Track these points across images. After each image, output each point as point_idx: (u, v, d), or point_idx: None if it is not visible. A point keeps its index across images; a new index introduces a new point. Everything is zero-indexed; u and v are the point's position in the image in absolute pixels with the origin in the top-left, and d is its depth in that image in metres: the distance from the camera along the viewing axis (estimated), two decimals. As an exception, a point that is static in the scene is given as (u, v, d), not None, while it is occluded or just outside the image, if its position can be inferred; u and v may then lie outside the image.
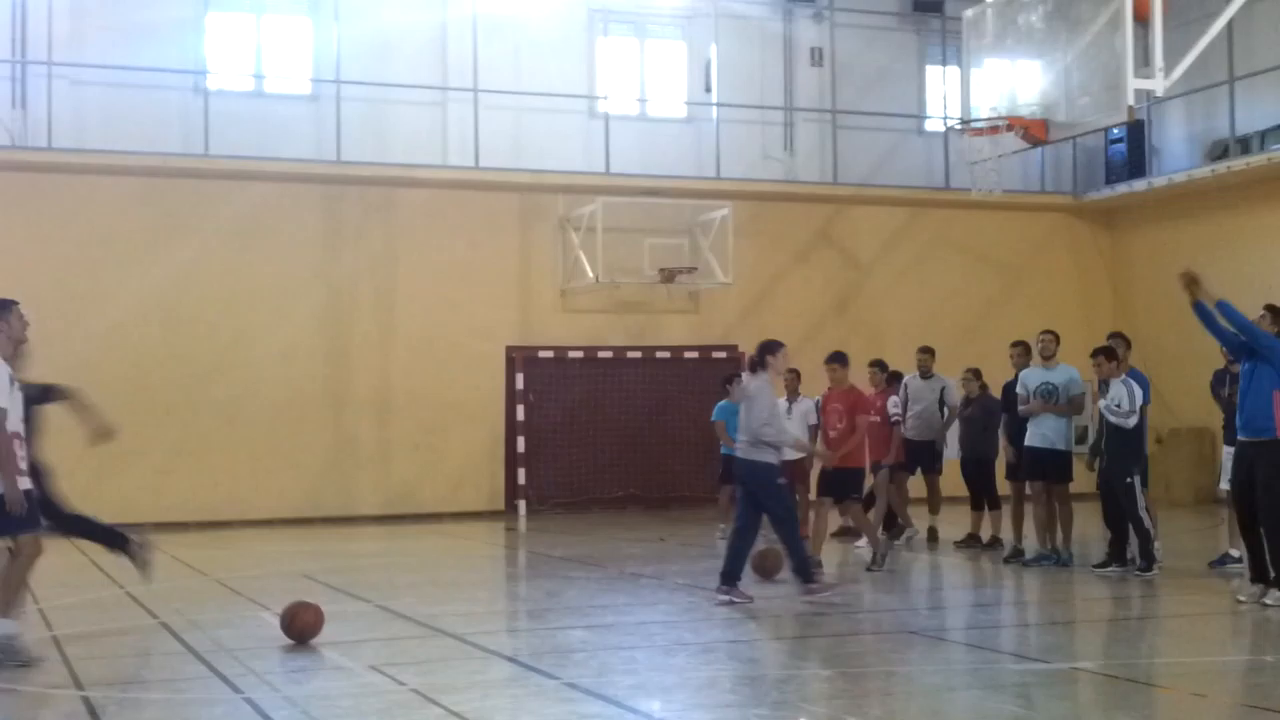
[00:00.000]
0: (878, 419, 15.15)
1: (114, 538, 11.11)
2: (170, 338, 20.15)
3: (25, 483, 9.09)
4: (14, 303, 9.38)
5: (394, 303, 21.37)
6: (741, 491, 11.88)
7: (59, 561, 16.00)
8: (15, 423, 9.08)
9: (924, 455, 16.47)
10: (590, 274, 21.25)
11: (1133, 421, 12.77)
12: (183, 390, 20.05)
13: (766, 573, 12.71)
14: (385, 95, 21.54)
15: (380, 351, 21.26)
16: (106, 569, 13.21)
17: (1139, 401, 12.84)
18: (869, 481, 15.07)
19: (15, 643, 9.03)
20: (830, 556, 14.52)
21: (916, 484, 16.86)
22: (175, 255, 20.07)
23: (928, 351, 16.82)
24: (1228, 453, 12.79)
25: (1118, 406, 12.73)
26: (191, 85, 20.98)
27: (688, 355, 22.45)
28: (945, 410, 16.49)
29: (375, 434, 21.13)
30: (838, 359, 13.93)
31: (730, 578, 11.49)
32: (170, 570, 14.40)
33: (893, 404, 15.80)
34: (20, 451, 9.10)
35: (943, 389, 16.58)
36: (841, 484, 13.72)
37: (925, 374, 16.67)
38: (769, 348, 11.85)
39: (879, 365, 16.05)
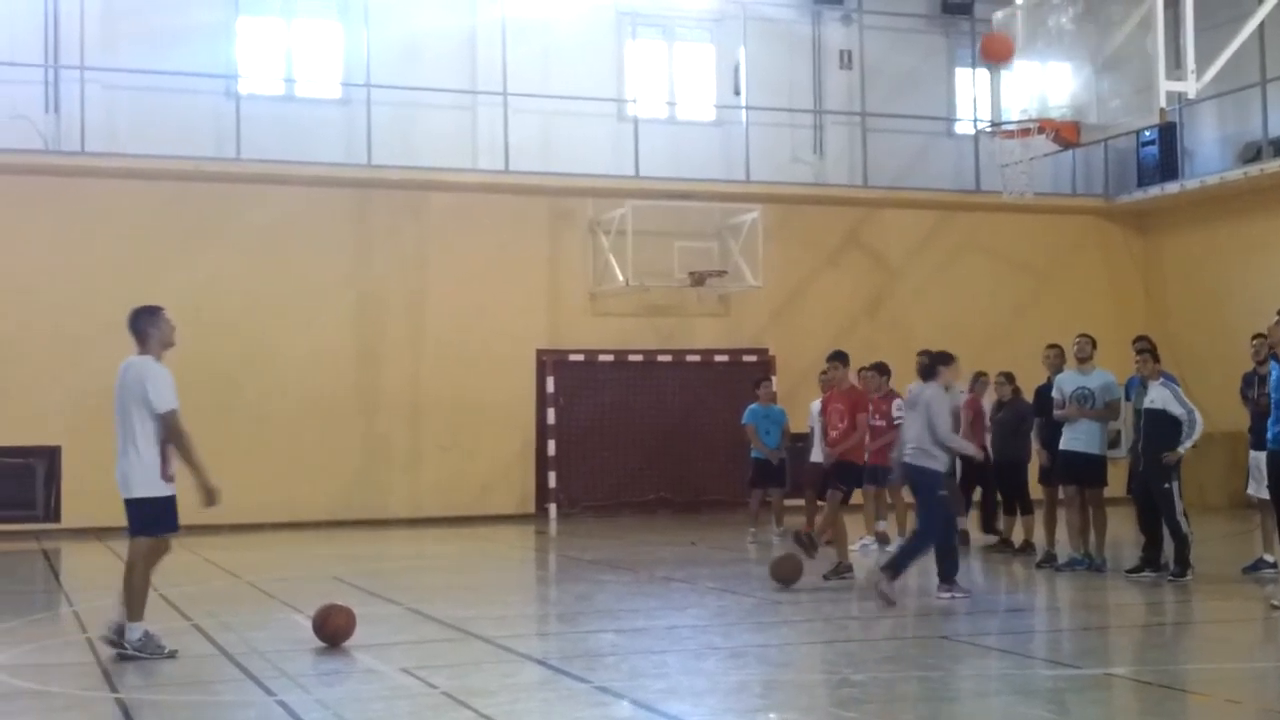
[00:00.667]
0: (882, 423, 15.06)
1: None
2: (201, 341, 20.08)
3: (171, 488, 9.49)
4: (161, 308, 9.79)
5: (424, 306, 21.43)
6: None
7: (94, 562, 16.18)
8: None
9: None
10: (620, 277, 21.27)
11: (1199, 420, 12.64)
12: (214, 393, 20.09)
13: (785, 580, 12.60)
14: (415, 99, 21.61)
15: (411, 355, 21.32)
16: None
17: (1185, 397, 12.77)
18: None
19: (153, 639, 9.32)
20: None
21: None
22: (206, 259, 20.15)
23: (926, 355, 16.68)
24: (1254, 458, 12.71)
25: (1188, 426, 12.58)
26: (223, 89, 21.09)
27: (718, 358, 22.44)
28: (952, 413, 16.32)
29: (406, 437, 21.20)
30: (839, 358, 13.94)
31: (947, 577, 11.79)
32: (202, 573, 14.48)
33: (897, 406, 15.73)
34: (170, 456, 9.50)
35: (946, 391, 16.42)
36: (838, 478, 13.67)
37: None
38: (944, 359, 12.14)
39: (878, 368, 15.92)
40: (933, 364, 12.03)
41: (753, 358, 22.34)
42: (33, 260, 19.73)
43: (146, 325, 9.66)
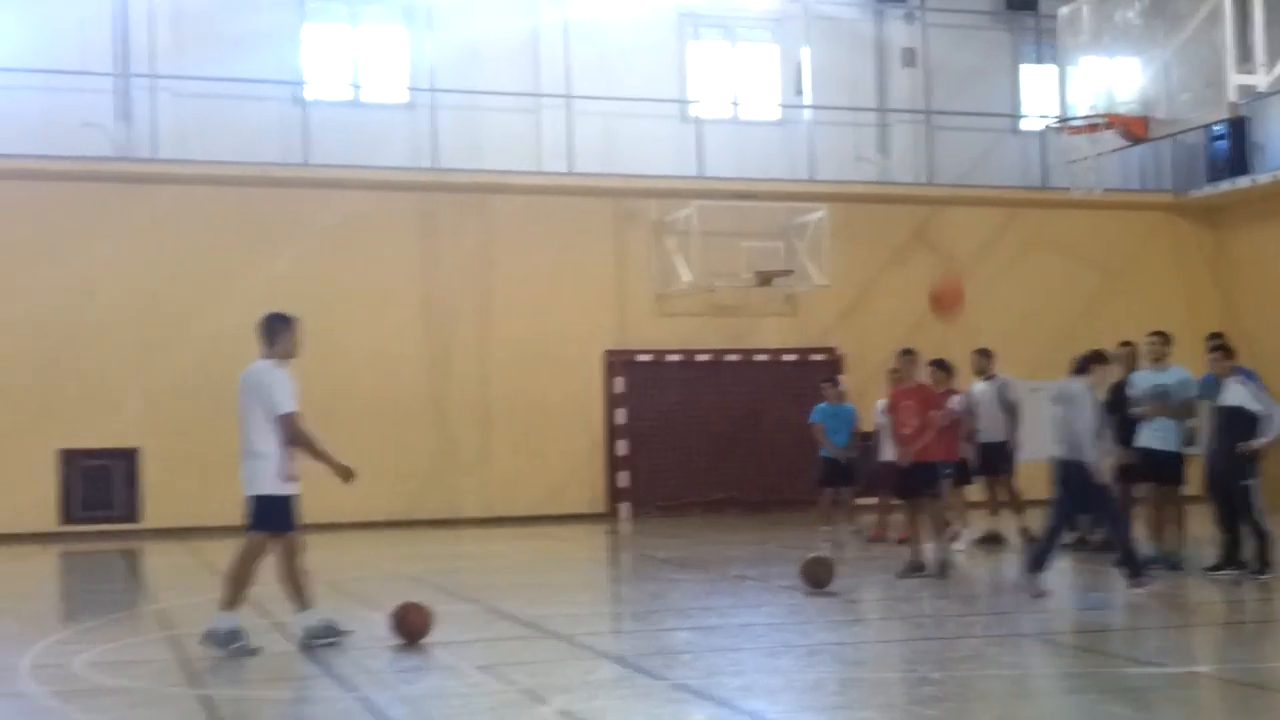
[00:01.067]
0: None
1: None
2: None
3: (292, 488, 9.71)
4: (295, 318, 10.02)
5: (491, 308, 21.55)
6: (1059, 491, 12.01)
7: (173, 562, 16.38)
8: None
9: (993, 457, 16.20)
10: (686, 278, 21.28)
11: (1278, 416, 12.46)
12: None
13: (817, 583, 12.37)
14: (479, 102, 21.74)
15: (479, 356, 21.45)
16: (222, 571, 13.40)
17: (1264, 393, 12.60)
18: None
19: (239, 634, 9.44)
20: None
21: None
22: (275, 263, 20.33)
23: (981, 353, 16.60)
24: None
25: (1265, 422, 12.41)
26: (290, 95, 21.31)
27: (785, 358, 22.41)
28: (1007, 410, 16.21)
29: (476, 437, 21.32)
30: (910, 354, 13.87)
31: (1037, 566, 11.73)
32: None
33: (957, 402, 15.61)
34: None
35: (1000, 388, 16.33)
36: (920, 480, 13.58)
37: (984, 376, 16.43)
38: (1099, 358, 12.12)
39: (939, 364, 15.80)
40: (1088, 362, 12.00)
41: (820, 356, 22.30)
42: (106, 266, 20.01)
43: (276, 332, 9.87)
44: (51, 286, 19.81)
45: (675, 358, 22.00)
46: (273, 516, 9.64)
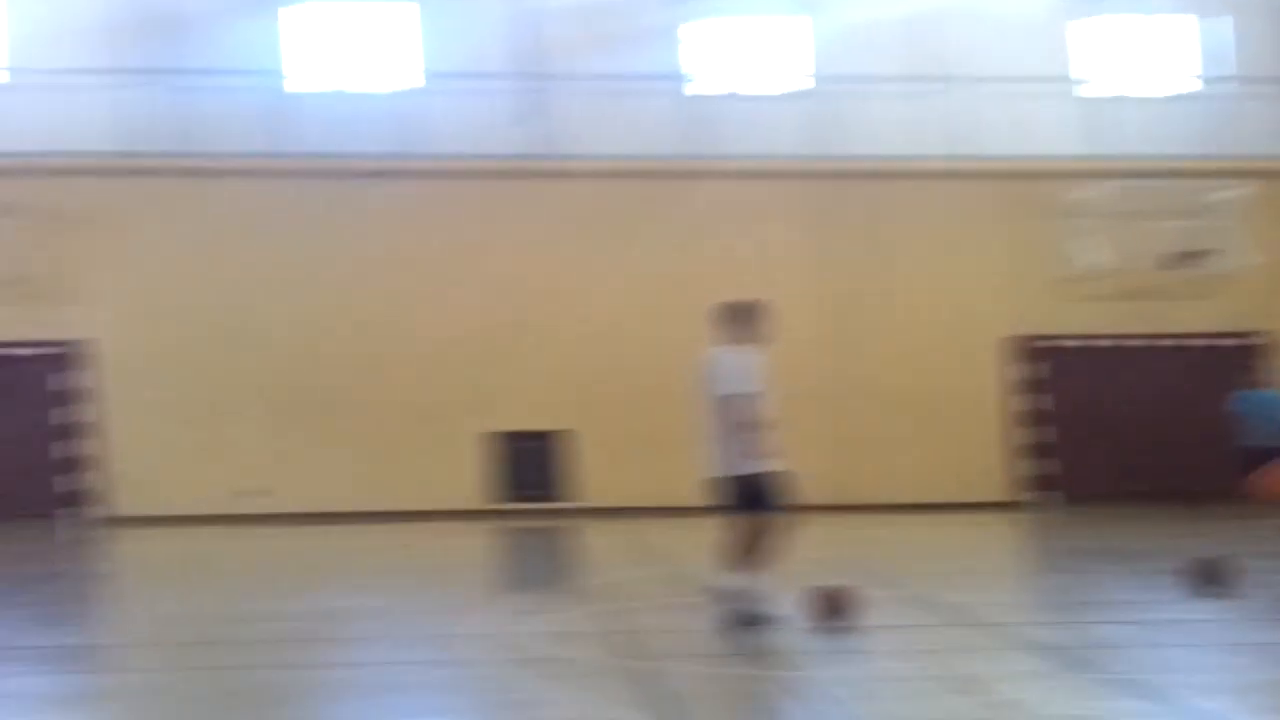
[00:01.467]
0: None
1: None
2: (674, 329, 20.97)
3: (767, 465, 10.03)
4: (764, 303, 10.44)
5: (886, 294, 21.43)
6: None
7: (607, 540, 17.05)
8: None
9: None
10: (1093, 261, 20.61)
11: None
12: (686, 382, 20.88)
13: (1208, 582, 11.25)
14: (863, 89, 21.57)
15: (876, 342, 21.35)
16: (649, 548, 13.86)
17: None
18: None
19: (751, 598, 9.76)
20: None
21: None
22: (676, 252, 20.82)
23: None
24: None
25: None
26: (678, 89, 21.83)
27: (1203, 342, 21.37)
28: None
29: (877, 423, 21.19)
30: None
31: None
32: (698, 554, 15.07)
33: None
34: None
35: None
36: None
37: None
38: None
39: None
40: None
41: (1243, 341, 21.16)
42: (529, 258, 20.93)
43: (748, 317, 10.23)
44: (483, 278, 20.94)
45: (1081, 343, 21.34)
46: (751, 496, 9.86)
